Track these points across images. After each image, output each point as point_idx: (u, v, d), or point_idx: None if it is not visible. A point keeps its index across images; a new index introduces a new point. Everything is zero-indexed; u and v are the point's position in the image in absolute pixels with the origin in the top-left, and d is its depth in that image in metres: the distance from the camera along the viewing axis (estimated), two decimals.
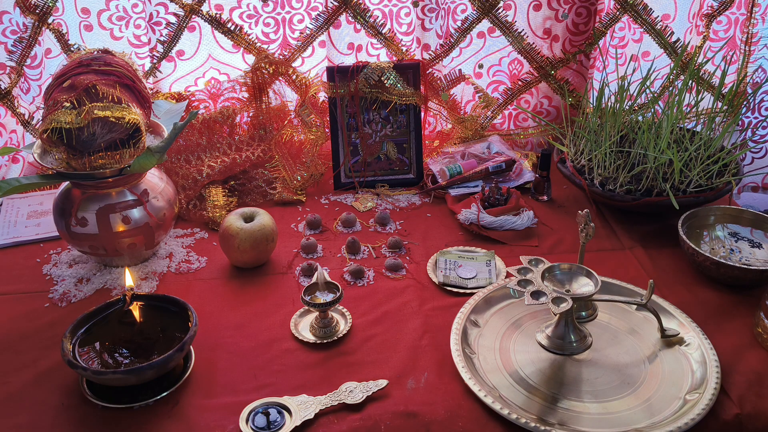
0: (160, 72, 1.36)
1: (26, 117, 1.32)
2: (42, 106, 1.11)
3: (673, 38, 1.39)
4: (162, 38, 1.32)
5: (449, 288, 1.05)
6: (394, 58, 1.38)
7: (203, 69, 1.37)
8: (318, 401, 0.83)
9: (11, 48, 1.26)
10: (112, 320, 0.92)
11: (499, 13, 1.36)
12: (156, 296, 0.96)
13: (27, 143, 1.34)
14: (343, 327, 0.97)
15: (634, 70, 1.37)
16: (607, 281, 1.01)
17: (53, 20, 1.27)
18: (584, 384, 0.86)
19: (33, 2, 1.24)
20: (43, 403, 0.85)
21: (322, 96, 1.37)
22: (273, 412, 0.81)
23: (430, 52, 1.39)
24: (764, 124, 1.49)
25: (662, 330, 0.92)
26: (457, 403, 0.84)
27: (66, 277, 1.09)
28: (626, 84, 1.24)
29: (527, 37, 1.39)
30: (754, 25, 1.37)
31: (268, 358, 0.92)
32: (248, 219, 1.10)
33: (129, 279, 0.94)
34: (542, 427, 0.78)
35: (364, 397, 0.84)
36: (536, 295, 0.85)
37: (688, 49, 1.40)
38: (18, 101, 1.30)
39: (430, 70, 1.39)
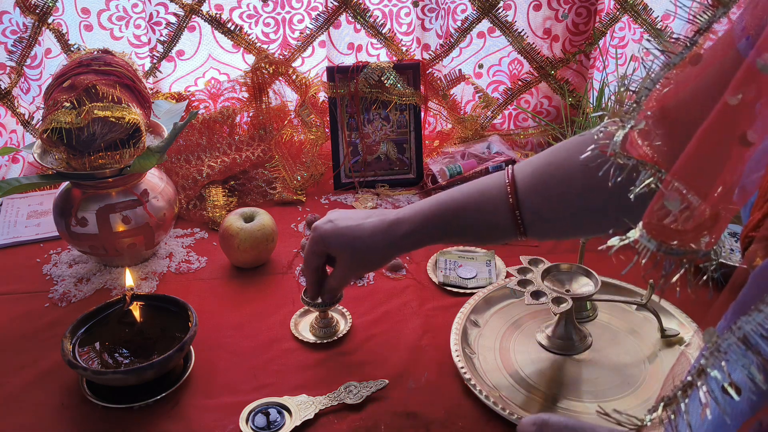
0: (160, 72, 1.36)
1: (26, 117, 1.32)
2: (42, 106, 1.11)
3: (674, 38, 1.39)
4: (162, 38, 1.32)
5: (449, 288, 1.05)
6: (394, 58, 1.38)
7: (203, 69, 1.37)
8: (318, 401, 0.83)
9: (11, 48, 1.26)
10: (112, 320, 0.92)
11: (499, 13, 1.36)
12: (156, 296, 0.96)
13: (27, 143, 1.34)
14: (343, 327, 0.97)
15: (634, 70, 1.37)
16: (607, 281, 1.01)
17: (53, 20, 1.27)
18: (584, 384, 0.86)
19: (33, 2, 1.24)
20: (43, 403, 0.85)
21: (322, 96, 1.37)
22: (273, 412, 0.81)
23: (430, 52, 1.39)
24: None
25: (662, 330, 0.92)
26: (457, 403, 0.84)
27: (66, 277, 1.09)
28: (626, 84, 1.24)
29: (527, 37, 1.39)
30: None
31: (268, 358, 0.92)
32: (248, 219, 1.10)
33: (129, 279, 0.94)
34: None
35: (364, 397, 0.84)
36: (536, 295, 0.85)
37: None
38: (18, 101, 1.30)
39: (430, 70, 1.39)
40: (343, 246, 0.83)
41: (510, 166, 0.78)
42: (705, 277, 0.47)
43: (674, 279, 0.47)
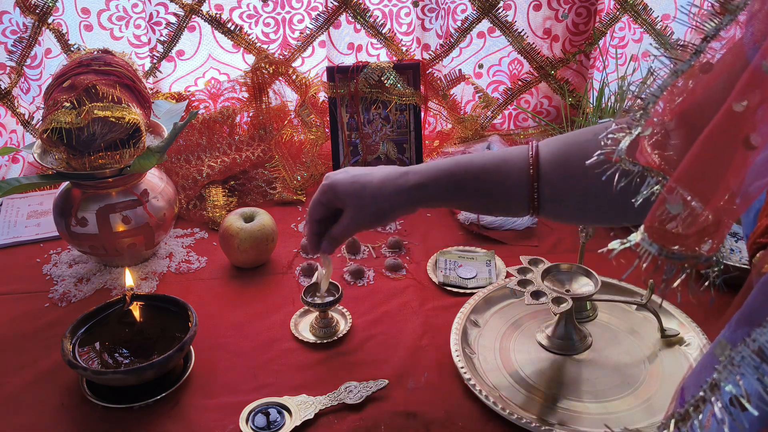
0: (160, 72, 1.36)
1: (26, 117, 1.32)
2: (42, 106, 1.11)
3: (674, 38, 1.39)
4: (162, 38, 1.32)
5: (449, 288, 1.05)
6: (394, 58, 1.38)
7: (203, 69, 1.37)
8: (318, 401, 0.83)
9: (11, 48, 1.26)
10: (112, 320, 0.92)
11: (499, 13, 1.36)
12: (156, 296, 0.96)
13: (27, 143, 1.34)
14: (343, 327, 0.97)
15: (634, 70, 1.37)
16: (607, 281, 1.01)
17: (53, 20, 1.27)
18: (584, 384, 0.86)
19: (33, 2, 1.24)
20: (43, 403, 0.85)
21: (322, 96, 1.37)
22: (273, 412, 0.81)
23: (430, 52, 1.39)
24: None
25: (662, 330, 0.92)
26: (457, 403, 0.84)
27: (66, 277, 1.09)
28: (626, 84, 1.24)
29: (527, 37, 1.39)
30: None
31: (268, 358, 0.92)
32: (248, 219, 1.10)
33: (129, 279, 0.94)
34: (542, 427, 0.78)
35: (364, 397, 0.84)
36: (536, 295, 0.85)
37: None
38: (18, 101, 1.30)
39: (430, 70, 1.39)
40: (352, 193, 0.81)
41: (535, 140, 0.78)
42: (707, 283, 0.47)
43: (675, 284, 0.47)
